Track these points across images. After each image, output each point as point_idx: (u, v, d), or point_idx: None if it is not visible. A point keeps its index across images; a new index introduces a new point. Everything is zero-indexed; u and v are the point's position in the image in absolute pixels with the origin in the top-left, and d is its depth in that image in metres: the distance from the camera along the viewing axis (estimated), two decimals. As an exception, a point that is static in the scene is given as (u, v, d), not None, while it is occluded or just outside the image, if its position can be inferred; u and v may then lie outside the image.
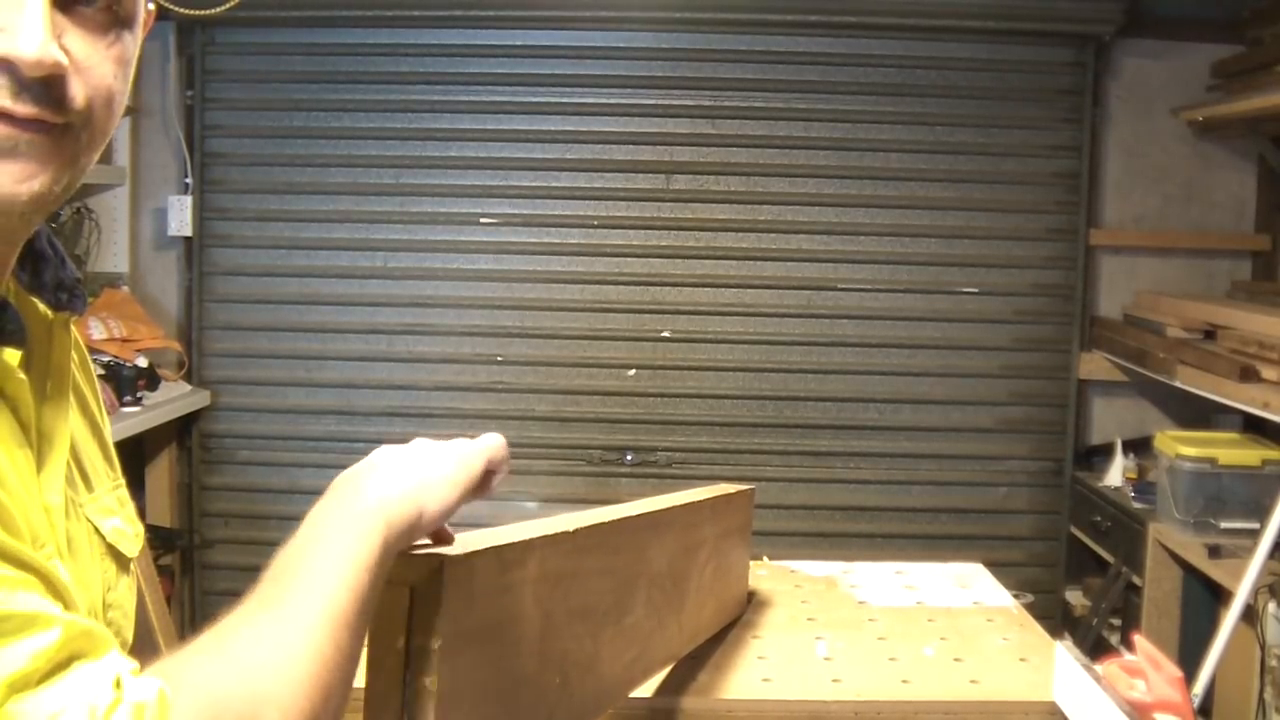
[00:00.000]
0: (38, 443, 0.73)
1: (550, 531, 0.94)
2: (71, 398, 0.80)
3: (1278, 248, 3.39)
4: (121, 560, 0.85)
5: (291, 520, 0.70)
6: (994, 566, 1.92)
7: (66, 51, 0.67)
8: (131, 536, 0.87)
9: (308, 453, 3.42)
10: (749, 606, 1.66)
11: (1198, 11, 3.32)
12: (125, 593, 0.85)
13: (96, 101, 0.70)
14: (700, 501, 1.41)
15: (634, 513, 1.20)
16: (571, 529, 0.99)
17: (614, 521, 1.12)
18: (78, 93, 0.68)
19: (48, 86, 0.66)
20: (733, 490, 1.55)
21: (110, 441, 0.90)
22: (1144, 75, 3.39)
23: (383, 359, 3.44)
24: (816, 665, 1.46)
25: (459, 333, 3.43)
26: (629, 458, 3.44)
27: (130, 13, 0.72)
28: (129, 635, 0.86)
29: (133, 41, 0.73)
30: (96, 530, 0.81)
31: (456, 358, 3.44)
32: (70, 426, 0.78)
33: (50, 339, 0.79)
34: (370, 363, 3.44)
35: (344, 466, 0.73)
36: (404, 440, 0.80)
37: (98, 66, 0.70)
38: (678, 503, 1.33)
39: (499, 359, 3.43)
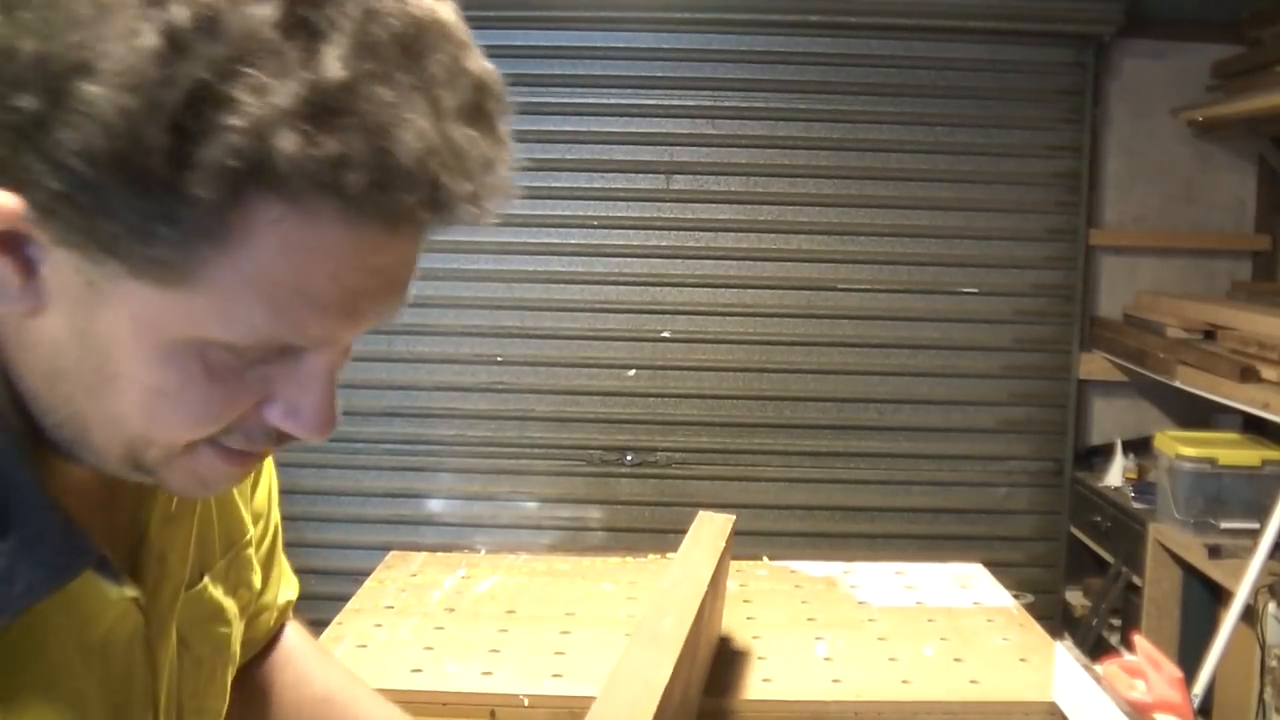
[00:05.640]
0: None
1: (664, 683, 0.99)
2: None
3: (1278, 248, 3.39)
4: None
5: (291, 520, 0.70)
6: (994, 567, 1.92)
7: None
8: (233, 617, 0.79)
9: (308, 452, 3.41)
10: (747, 608, 1.65)
11: (1198, 12, 3.31)
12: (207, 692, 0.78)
13: None
14: (717, 568, 1.36)
15: (694, 607, 1.19)
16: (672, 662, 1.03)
17: (689, 632, 1.13)
18: None
19: None
20: (727, 531, 1.47)
21: (239, 499, 0.83)
22: (1144, 75, 3.39)
23: (382, 359, 3.44)
24: (816, 665, 1.46)
25: (459, 333, 3.43)
26: (629, 458, 3.44)
27: None
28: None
29: None
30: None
31: (456, 358, 3.44)
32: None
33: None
34: (370, 363, 3.44)
35: (344, 467, 0.73)
36: (403, 439, 0.81)
37: None
38: (706, 576, 1.29)
39: (499, 359, 3.43)
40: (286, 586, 0.97)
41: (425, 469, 3.43)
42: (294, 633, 1.00)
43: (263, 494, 0.89)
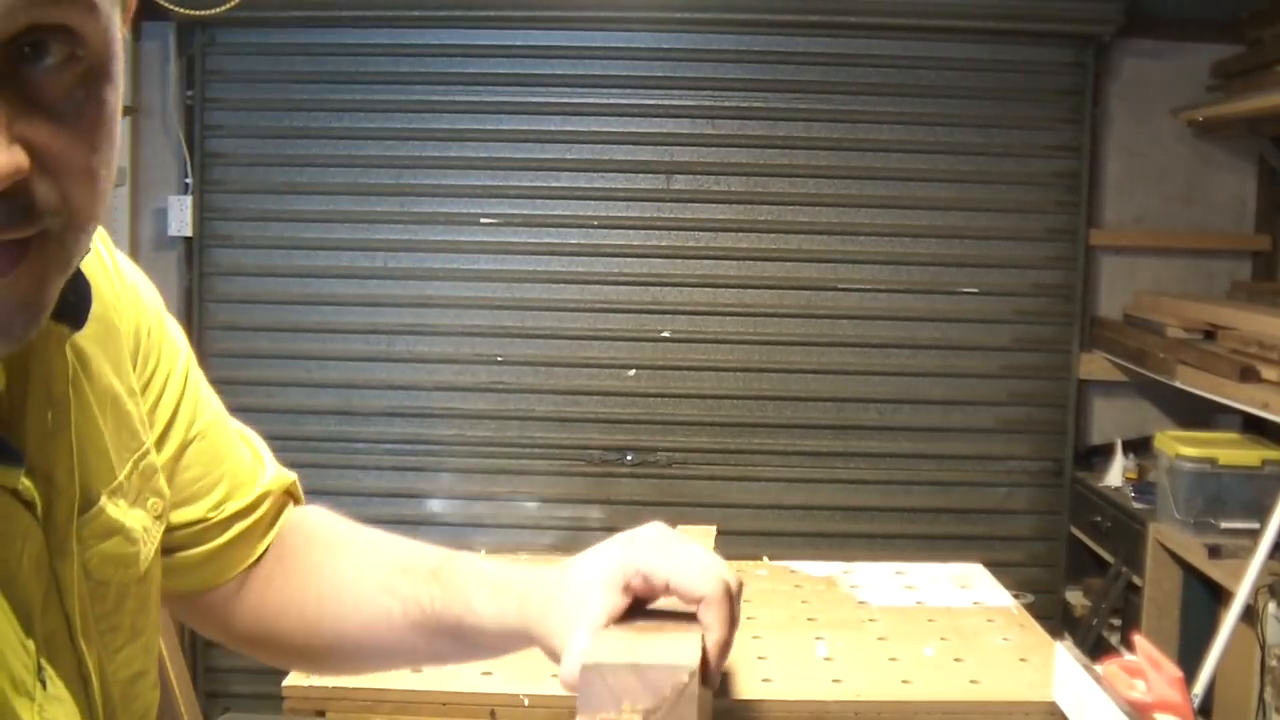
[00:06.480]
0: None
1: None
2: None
3: (1278, 248, 3.39)
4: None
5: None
6: (994, 566, 1.93)
7: (25, 144, 0.50)
8: (141, 533, 0.73)
9: (308, 453, 3.41)
10: (747, 609, 1.65)
11: (1198, 12, 3.32)
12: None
13: (76, 191, 0.53)
14: None
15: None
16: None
17: None
18: (48, 192, 0.52)
19: (6, 198, 0.50)
20: (708, 541, 1.45)
21: (134, 408, 0.75)
22: (1144, 75, 3.39)
23: (383, 359, 3.44)
24: (816, 665, 1.46)
25: (459, 333, 3.43)
26: (629, 458, 3.44)
27: (102, 56, 0.54)
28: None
29: (112, 90, 0.55)
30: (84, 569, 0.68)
31: (456, 358, 3.44)
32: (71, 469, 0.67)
33: (29, 361, 0.63)
34: (370, 363, 3.44)
35: (344, 467, 0.71)
36: (403, 439, 0.79)
37: (67, 150, 0.52)
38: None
39: (499, 359, 3.43)
40: (267, 474, 0.92)
41: (425, 469, 3.43)
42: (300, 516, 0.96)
43: (155, 393, 0.80)
